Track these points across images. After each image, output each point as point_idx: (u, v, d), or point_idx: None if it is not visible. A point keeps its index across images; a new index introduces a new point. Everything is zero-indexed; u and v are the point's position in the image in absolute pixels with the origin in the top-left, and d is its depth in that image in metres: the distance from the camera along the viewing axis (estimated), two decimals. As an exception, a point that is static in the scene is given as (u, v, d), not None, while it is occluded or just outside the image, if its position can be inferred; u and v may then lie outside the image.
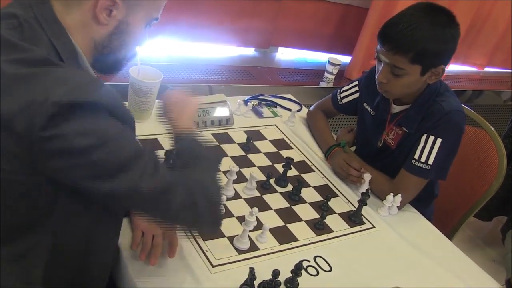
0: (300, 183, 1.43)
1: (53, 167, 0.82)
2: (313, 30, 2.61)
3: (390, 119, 1.57)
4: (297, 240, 1.29)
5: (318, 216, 1.37)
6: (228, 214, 1.29)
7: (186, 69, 2.18)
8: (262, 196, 1.40)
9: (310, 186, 1.51)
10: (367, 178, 1.52)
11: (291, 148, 1.67)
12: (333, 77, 2.53)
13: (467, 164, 1.83)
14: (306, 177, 1.54)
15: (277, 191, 1.44)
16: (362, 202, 1.41)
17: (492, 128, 1.80)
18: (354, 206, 1.47)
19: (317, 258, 1.25)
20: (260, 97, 1.92)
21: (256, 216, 1.20)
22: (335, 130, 2.47)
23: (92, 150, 0.81)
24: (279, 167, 1.52)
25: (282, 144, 1.68)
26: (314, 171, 1.59)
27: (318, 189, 1.51)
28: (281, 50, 2.67)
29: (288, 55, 2.70)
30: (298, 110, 1.92)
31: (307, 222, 1.36)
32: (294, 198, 1.43)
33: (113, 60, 1.00)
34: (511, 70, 3.43)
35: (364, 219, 1.43)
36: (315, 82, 2.53)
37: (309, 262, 1.23)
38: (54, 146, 0.79)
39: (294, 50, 2.71)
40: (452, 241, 1.51)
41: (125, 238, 1.13)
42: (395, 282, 1.24)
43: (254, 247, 1.22)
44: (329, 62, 2.51)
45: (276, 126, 1.77)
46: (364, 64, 2.67)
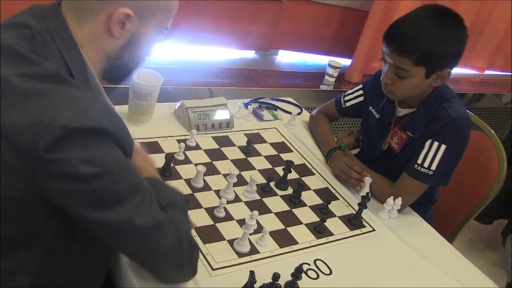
0: (300, 186, 1.43)
1: (52, 189, 0.81)
2: (313, 33, 2.62)
3: (395, 122, 1.56)
4: (297, 243, 1.28)
5: (318, 219, 1.37)
6: (228, 217, 1.29)
7: (187, 72, 2.19)
8: (262, 199, 1.40)
9: (310, 189, 1.51)
10: (368, 181, 1.52)
11: (292, 151, 1.67)
12: (333, 80, 2.54)
13: (468, 167, 1.82)
14: (307, 180, 1.54)
15: (277, 194, 1.44)
16: (362, 205, 1.41)
17: (492, 131, 1.81)
18: (354, 209, 1.47)
19: (317, 261, 1.25)
20: (260, 100, 1.91)
21: (256, 219, 1.20)
22: (336, 133, 2.47)
23: (94, 179, 0.81)
24: (279, 170, 1.52)
25: (282, 147, 1.68)
26: (314, 174, 1.59)
27: (318, 192, 1.51)
28: (281, 53, 2.67)
29: (288, 58, 2.71)
30: (299, 113, 1.92)
31: (307, 225, 1.36)
32: (294, 201, 1.43)
33: (123, 71, 1.01)
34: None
35: (364, 222, 1.43)
36: (316, 85, 2.53)
37: (309, 265, 1.23)
38: (57, 169, 0.79)
39: (295, 53, 2.71)
40: (452, 244, 1.51)
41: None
42: (396, 285, 1.24)
43: (254, 250, 1.22)
44: (329, 65, 2.51)
45: (276, 129, 1.77)
46: (364, 66, 2.67)
